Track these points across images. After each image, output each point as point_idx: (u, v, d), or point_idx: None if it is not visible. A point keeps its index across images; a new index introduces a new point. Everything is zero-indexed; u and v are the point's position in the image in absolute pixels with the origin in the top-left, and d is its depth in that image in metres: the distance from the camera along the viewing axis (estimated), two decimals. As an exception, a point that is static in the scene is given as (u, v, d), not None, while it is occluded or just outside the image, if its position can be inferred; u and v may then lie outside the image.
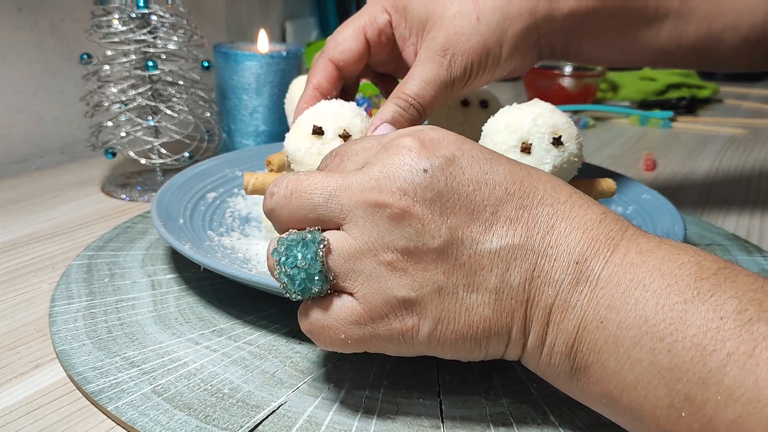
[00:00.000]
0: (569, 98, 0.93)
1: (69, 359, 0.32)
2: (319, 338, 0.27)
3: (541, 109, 0.38)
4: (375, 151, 0.27)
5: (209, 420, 0.28)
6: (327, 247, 0.25)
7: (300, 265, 0.25)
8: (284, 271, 0.26)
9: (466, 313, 0.25)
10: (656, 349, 0.22)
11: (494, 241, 0.25)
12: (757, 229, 0.54)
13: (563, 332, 0.25)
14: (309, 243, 0.25)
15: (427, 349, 0.26)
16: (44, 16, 0.66)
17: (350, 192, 0.26)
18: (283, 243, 0.26)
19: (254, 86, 0.64)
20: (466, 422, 0.29)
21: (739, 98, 1.08)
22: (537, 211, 0.25)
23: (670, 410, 0.22)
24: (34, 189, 0.59)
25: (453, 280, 0.25)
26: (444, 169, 0.25)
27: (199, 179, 0.49)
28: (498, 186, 0.26)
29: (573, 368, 0.25)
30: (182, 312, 0.37)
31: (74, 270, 0.42)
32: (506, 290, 0.25)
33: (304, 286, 0.26)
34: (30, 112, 0.67)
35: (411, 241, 0.25)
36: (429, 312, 0.25)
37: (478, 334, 0.26)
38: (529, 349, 0.26)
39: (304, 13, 1.08)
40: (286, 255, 0.25)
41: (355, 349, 0.27)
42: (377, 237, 0.25)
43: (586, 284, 0.24)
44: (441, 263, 0.25)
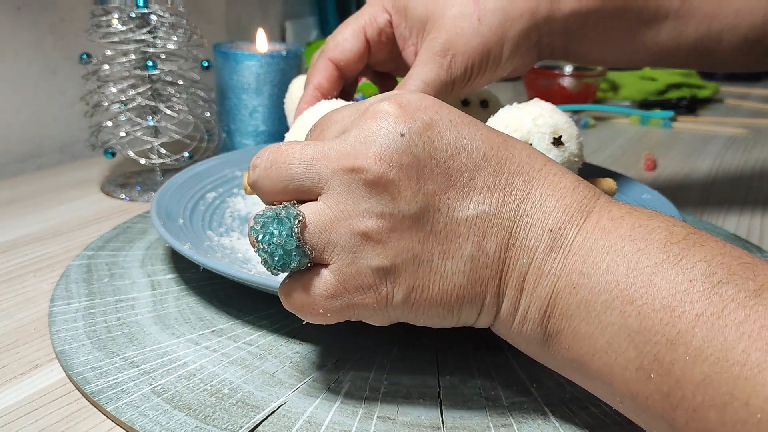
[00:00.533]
0: (570, 98, 0.93)
1: (68, 359, 0.32)
2: (301, 314, 0.27)
3: (541, 109, 0.38)
4: (353, 118, 0.26)
5: (209, 420, 0.28)
6: (302, 222, 0.25)
7: (276, 242, 0.25)
8: (262, 248, 0.25)
9: (440, 280, 0.25)
10: (626, 312, 0.22)
11: (471, 208, 0.25)
12: (757, 228, 0.53)
13: (536, 299, 0.25)
14: (284, 219, 0.25)
15: (402, 316, 0.27)
16: (44, 16, 0.66)
17: (327, 160, 0.25)
18: (260, 220, 0.26)
19: (254, 86, 0.64)
20: (466, 422, 0.29)
21: (739, 98, 1.08)
22: (513, 179, 0.25)
23: (639, 372, 0.22)
24: (34, 189, 0.59)
25: (428, 248, 0.25)
26: (422, 133, 0.25)
27: (198, 179, 0.49)
28: (476, 151, 0.25)
29: (545, 335, 0.25)
30: (182, 312, 0.37)
31: (74, 270, 0.42)
32: (482, 258, 0.25)
33: (284, 261, 0.25)
34: (29, 111, 0.66)
35: (386, 208, 0.24)
36: (403, 280, 0.25)
37: (452, 302, 0.26)
38: (501, 316, 0.26)
39: (303, 12, 1.08)
40: (263, 233, 0.25)
41: (335, 321, 0.27)
42: (353, 205, 0.25)
43: (559, 251, 0.24)
44: (416, 231, 0.25)
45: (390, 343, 0.34)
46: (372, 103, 0.26)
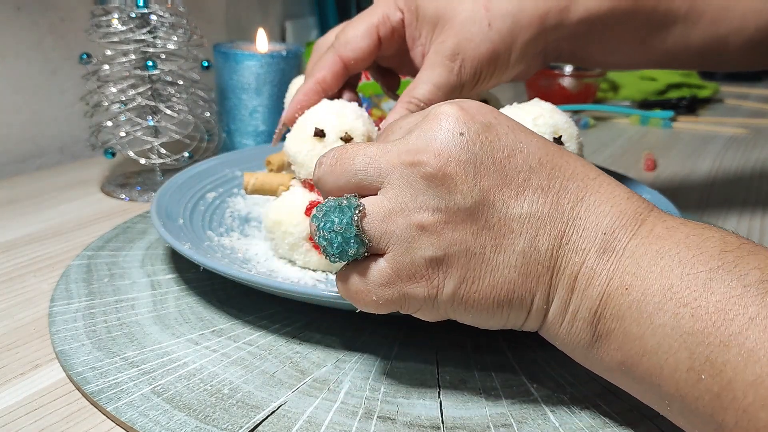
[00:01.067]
0: (570, 98, 0.93)
1: (68, 359, 0.32)
2: (355, 301, 0.28)
3: (541, 109, 0.38)
4: (416, 122, 0.28)
5: (209, 420, 0.28)
6: (362, 212, 0.26)
7: (336, 229, 0.26)
8: (322, 235, 0.27)
9: (491, 273, 0.26)
10: (679, 314, 0.23)
11: (525, 206, 0.26)
12: (757, 228, 0.53)
13: (587, 299, 0.25)
14: (345, 208, 0.26)
15: (451, 310, 0.27)
16: (44, 16, 0.66)
17: (389, 155, 0.27)
18: (322, 209, 0.27)
19: (254, 86, 0.64)
20: (466, 422, 0.29)
21: (739, 98, 1.08)
22: (567, 183, 0.26)
23: (690, 373, 0.22)
24: (34, 189, 0.59)
25: (481, 240, 0.26)
26: (480, 133, 0.26)
27: (198, 179, 0.49)
28: (531, 155, 0.26)
29: (594, 335, 0.25)
30: (182, 312, 0.37)
31: (74, 270, 0.42)
32: (533, 255, 0.26)
33: (342, 249, 0.27)
34: (29, 111, 0.66)
35: (443, 200, 0.25)
36: (455, 271, 0.26)
37: (501, 297, 0.26)
38: (550, 316, 0.27)
39: (303, 12, 1.08)
40: (324, 220, 0.27)
41: (386, 310, 0.27)
42: (411, 197, 0.26)
43: (612, 253, 0.25)
44: (471, 224, 0.26)
45: (390, 343, 0.34)
46: (434, 107, 0.27)
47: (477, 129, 0.26)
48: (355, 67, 0.41)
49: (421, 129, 0.27)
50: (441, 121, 0.26)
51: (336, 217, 0.26)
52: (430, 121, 0.27)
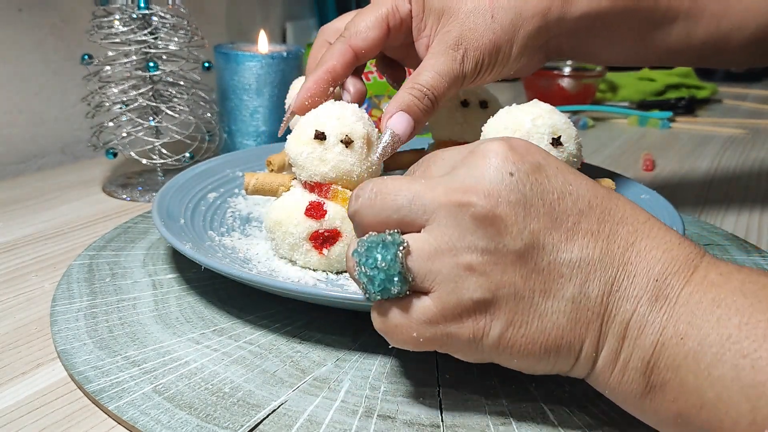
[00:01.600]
0: (568, 99, 0.93)
1: (70, 359, 0.32)
2: (391, 336, 0.27)
3: (540, 110, 0.38)
4: (461, 157, 0.27)
5: (210, 419, 0.28)
6: (407, 249, 0.26)
7: (380, 266, 0.25)
8: (364, 272, 0.26)
9: (539, 319, 0.25)
10: (739, 365, 0.22)
11: (575, 251, 0.25)
12: (755, 228, 0.54)
13: (640, 348, 0.24)
14: (389, 244, 0.25)
15: (495, 354, 0.26)
16: (45, 17, 0.66)
17: (434, 193, 0.26)
18: (364, 244, 0.26)
19: (255, 87, 0.64)
20: (466, 421, 0.29)
21: (737, 98, 1.08)
22: (617, 228, 0.26)
23: (753, 426, 0.22)
24: (36, 189, 0.59)
25: (530, 284, 0.25)
26: (530, 174, 0.26)
27: (199, 179, 0.50)
28: (581, 198, 0.26)
29: (648, 386, 0.25)
30: (183, 311, 0.37)
31: (75, 270, 0.42)
32: (583, 301, 0.25)
33: (384, 287, 0.26)
34: (31, 112, 0.67)
35: (492, 242, 0.25)
36: (502, 314, 0.25)
37: (549, 343, 0.25)
38: (600, 365, 0.26)
39: (304, 14, 1.08)
40: (366, 256, 0.26)
41: (425, 348, 0.27)
42: (458, 237, 0.25)
43: (665, 301, 0.24)
44: (519, 267, 0.25)
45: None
46: (481, 143, 0.27)
47: (527, 169, 0.26)
48: (364, 56, 0.41)
49: (468, 166, 0.26)
50: (490, 159, 0.26)
51: (379, 253, 0.25)
52: (478, 158, 0.26)
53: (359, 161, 0.39)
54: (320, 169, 0.39)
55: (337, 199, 0.39)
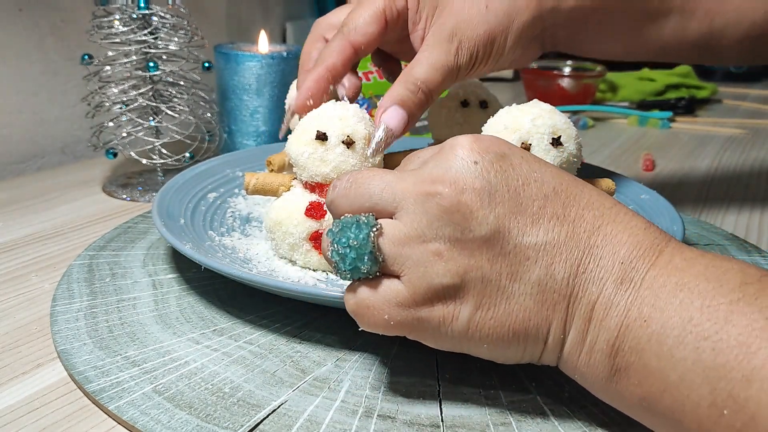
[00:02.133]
0: (568, 99, 0.93)
1: (70, 359, 0.32)
2: (362, 317, 0.27)
3: (540, 110, 0.38)
4: (432, 153, 0.28)
5: (210, 419, 0.28)
6: (379, 230, 0.27)
7: (352, 244, 0.26)
8: (336, 250, 0.27)
9: (507, 301, 0.26)
10: (700, 348, 0.22)
11: (540, 234, 0.26)
12: (755, 228, 0.54)
13: (605, 330, 0.25)
14: (362, 225, 0.26)
15: (465, 339, 0.27)
16: (45, 17, 0.66)
17: (404, 183, 0.27)
18: (338, 224, 0.27)
19: (255, 87, 0.64)
20: (466, 421, 0.29)
21: (737, 99, 1.08)
22: (583, 212, 0.26)
23: (712, 409, 0.22)
24: (36, 189, 0.59)
25: (497, 268, 0.26)
26: (494, 163, 0.26)
27: (200, 179, 0.50)
28: (546, 184, 0.26)
29: (613, 368, 0.25)
30: (183, 311, 0.37)
31: (75, 270, 0.42)
32: (549, 283, 0.26)
33: (354, 265, 0.26)
34: (31, 112, 0.67)
35: (458, 228, 0.26)
36: (470, 297, 0.26)
37: (517, 326, 0.26)
38: (567, 347, 0.26)
39: (304, 13, 1.08)
40: (340, 235, 0.27)
41: (395, 332, 0.27)
42: (427, 224, 0.26)
43: (630, 284, 0.25)
44: (486, 251, 0.26)
45: (390, 342, 0.35)
46: (449, 141, 0.28)
47: (491, 158, 0.26)
48: (363, 52, 0.41)
49: (436, 159, 0.27)
50: (456, 151, 0.27)
51: (352, 232, 0.26)
52: (446, 152, 0.27)
53: (360, 162, 0.39)
54: (321, 169, 0.39)
55: (337, 199, 0.39)
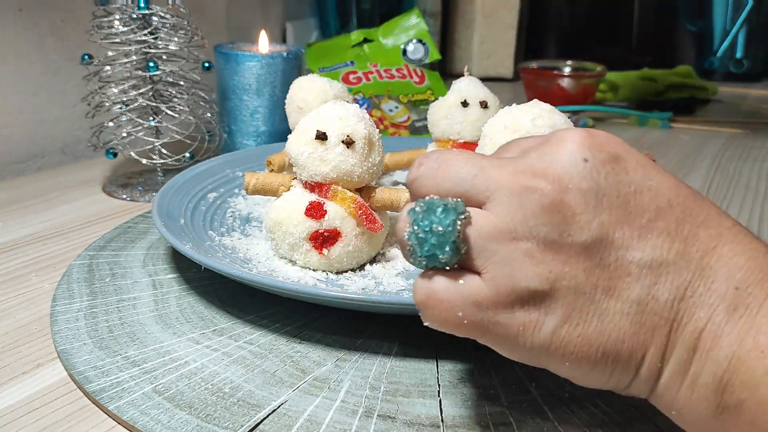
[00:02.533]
0: (568, 99, 0.93)
1: (70, 359, 0.32)
2: (431, 311, 0.24)
3: (540, 110, 0.38)
4: (536, 143, 0.25)
5: (210, 419, 0.28)
6: (467, 219, 0.24)
7: (435, 229, 0.23)
8: (415, 232, 0.24)
9: (599, 319, 0.23)
10: None
11: (646, 249, 0.23)
12: (755, 229, 0.54)
13: (712, 361, 0.22)
14: (450, 209, 0.23)
15: (545, 353, 0.24)
16: (45, 17, 0.66)
17: (501, 171, 0.24)
18: (423, 204, 0.24)
19: (255, 87, 0.64)
20: (466, 421, 0.29)
21: (737, 99, 1.08)
22: (698, 230, 0.23)
23: None
24: (36, 189, 0.59)
25: (593, 280, 0.23)
26: (606, 164, 0.24)
27: (199, 179, 0.50)
28: (660, 195, 0.24)
29: (720, 405, 0.22)
30: (183, 311, 0.37)
31: (75, 270, 0.42)
32: (650, 304, 0.23)
33: (432, 252, 0.24)
34: (31, 112, 0.67)
35: (556, 230, 0.23)
36: (558, 308, 0.23)
37: (608, 347, 0.23)
38: (665, 379, 0.23)
39: (304, 14, 1.08)
40: (424, 216, 0.24)
41: (465, 333, 0.24)
42: (521, 220, 0.23)
43: (745, 311, 0.22)
44: (584, 260, 0.23)
45: (390, 342, 0.35)
46: (557, 131, 0.25)
47: (604, 158, 0.23)
48: None
49: (540, 150, 0.24)
50: (565, 145, 0.24)
51: (437, 216, 0.23)
52: (553, 144, 0.24)
53: (360, 162, 0.39)
54: (321, 169, 0.39)
55: (337, 199, 0.39)
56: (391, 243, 0.44)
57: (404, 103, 0.76)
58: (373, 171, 0.40)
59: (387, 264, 0.41)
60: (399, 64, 0.79)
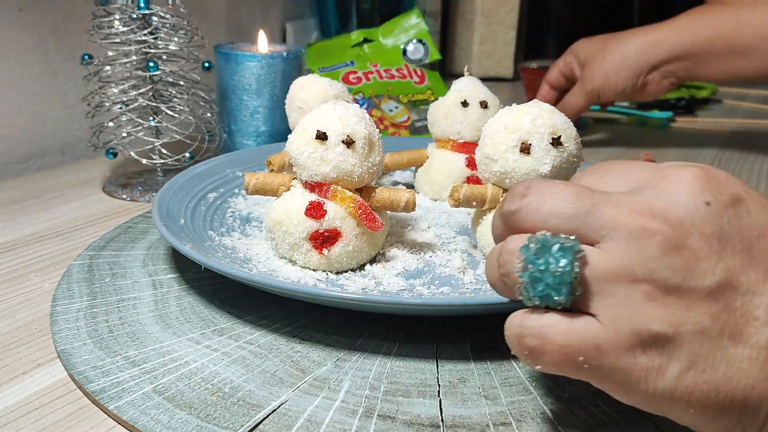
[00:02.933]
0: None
1: (70, 359, 0.32)
2: (550, 356, 0.23)
3: (540, 110, 0.38)
4: (648, 176, 0.24)
5: (210, 419, 0.28)
6: (583, 259, 0.23)
7: (552, 269, 0.23)
8: (529, 271, 0.23)
9: (726, 365, 0.22)
10: None
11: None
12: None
13: None
14: (567, 249, 0.23)
15: (668, 400, 0.23)
16: (45, 17, 0.66)
17: (617, 210, 0.23)
18: (538, 241, 0.23)
19: (255, 87, 0.64)
20: (466, 421, 0.29)
21: (738, 99, 1.08)
22: None
23: None
24: (36, 189, 0.59)
25: (719, 325, 0.22)
26: (728, 207, 0.23)
27: (200, 179, 0.50)
28: None
29: None
30: (183, 311, 0.37)
31: (75, 270, 0.42)
32: None
33: (546, 293, 0.23)
34: (31, 112, 0.67)
35: (678, 275, 0.22)
36: (683, 354, 0.22)
37: (736, 394, 0.22)
38: None
39: (304, 14, 1.08)
40: (539, 254, 0.23)
41: (585, 377, 0.23)
42: (640, 263, 0.22)
43: None
44: (708, 305, 0.22)
45: (390, 342, 0.35)
46: (672, 166, 0.24)
47: (725, 201, 0.23)
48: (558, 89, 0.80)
49: (657, 188, 0.23)
50: (682, 184, 0.23)
51: (554, 257, 0.23)
52: (671, 182, 0.23)
53: (360, 162, 0.39)
54: (321, 169, 0.39)
55: (337, 199, 0.39)
56: (391, 243, 0.44)
57: (404, 103, 0.76)
58: (373, 171, 0.40)
59: (387, 264, 0.41)
60: (399, 64, 0.79)
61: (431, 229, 0.47)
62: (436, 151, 0.53)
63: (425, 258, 0.42)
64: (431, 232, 0.47)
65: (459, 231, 0.48)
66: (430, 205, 0.52)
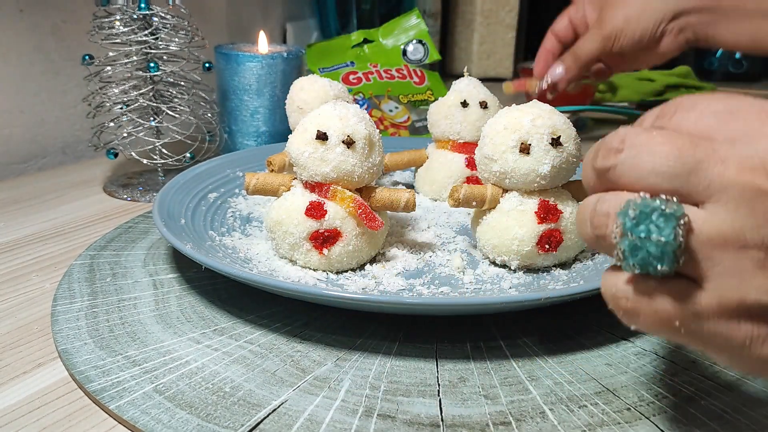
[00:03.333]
0: (568, 99, 0.93)
1: (71, 358, 0.33)
2: (645, 318, 0.22)
3: (540, 110, 0.38)
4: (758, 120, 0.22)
5: (210, 418, 0.28)
6: (688, 225, 0.21)
7: (653, 238, 0.21)
8: (629, 239, 0.21)
9: None
10: None
11: None
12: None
13: None
14: (669, 216, 0.21)
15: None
16: (46, 17, 0.66)
17: (724, 168, 0.21)
18: (636, 206, 0.21)
19: (255, 87, 0.64)
20: (466, 420, 0.29)
21: (738, 99, 1.08)
22: None
23: None
24: (36, 189, 0.59)
25: None
26: None
27: (200, 179, 0.50)
28: None
29: None
30: (183, 311, 0.37)
31: (76, 269, 0.42)
32: None
33: (646, 262, 0.21)
34: (32, 112, 0.67)
35: None
36: None
37: None
38: None
39: (304, 14, 1.08)
40: (638, 221, 0.21)
41: (680, 340, 0.23)
42: (752, 228, 0.20)
43: None
44: None
45: (390, 341, 0.35)
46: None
47: None
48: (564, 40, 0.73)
49: None
50: None
51: (655, 223, 0.21)
52: None
53: (360, 162, 0.39)
54: (321, 169, 0.39)
55: (337, 199, 0.39)
56: (391, 243, 0.44)
57: (404, 104, 0.76)
58: (373, 171, 0.40)
59: (387, 264, 0.41)
60: (399, 65, 0.79)
61: (431, 229, 0.48)
62: (436, 151, 0.53)
63: (425, 258, 0.43)
64: (431, 232, 0.47)
65: (459, 231, 0.48)
66: (430, 205, 0.52)
